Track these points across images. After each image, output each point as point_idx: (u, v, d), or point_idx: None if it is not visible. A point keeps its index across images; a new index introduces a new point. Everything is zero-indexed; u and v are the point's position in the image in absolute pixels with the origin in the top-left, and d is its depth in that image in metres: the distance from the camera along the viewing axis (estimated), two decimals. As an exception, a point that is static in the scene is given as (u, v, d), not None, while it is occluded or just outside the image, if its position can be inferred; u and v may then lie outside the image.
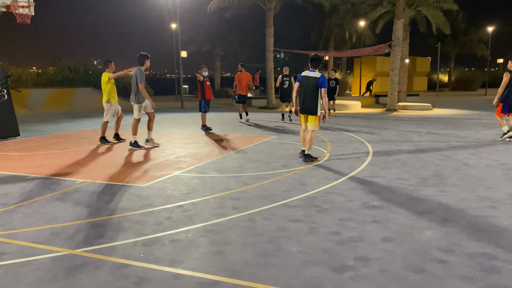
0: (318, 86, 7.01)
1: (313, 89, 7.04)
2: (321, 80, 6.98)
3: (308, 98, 7.11)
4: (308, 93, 7.10)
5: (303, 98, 7.20)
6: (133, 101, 8.71)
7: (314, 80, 7.03)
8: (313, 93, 7.05)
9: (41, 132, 11.58)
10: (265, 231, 4.03)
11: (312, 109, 7.12)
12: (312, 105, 7.09)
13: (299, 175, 6.28)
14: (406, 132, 10.93)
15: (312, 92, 7.05)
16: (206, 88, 11.28)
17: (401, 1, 18.16)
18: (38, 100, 20.42)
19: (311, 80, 7.07)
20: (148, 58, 8.61)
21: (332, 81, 15.56)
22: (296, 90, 7.41)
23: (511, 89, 9.32)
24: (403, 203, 4.91)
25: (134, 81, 8.54)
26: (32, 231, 4.11)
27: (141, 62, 8.53)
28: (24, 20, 10.15)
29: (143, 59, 8.53)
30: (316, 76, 7.03)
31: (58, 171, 6.70)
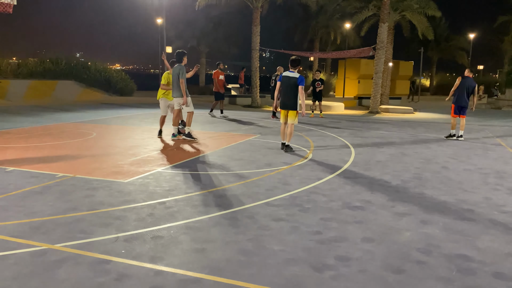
0: (297, 84, 7.86)
1: (293, 88, 7.91)
2: (299, 79, 7.88)
3: (288, 95, 7.99)
4: (289, 91, 7.98)
5: (284, 95, 8.07)
6: (176, 96, 9.05)
7: (294, 80, 7.92)
8: (293, 91, 7.93)
9: (20, 124, 11.34)
10: (248, 230, 4.04)
11: (292, 105, 8.00)
12: (292, 102, 7.98)
13: (283, 174, 6.31)
14: (388, 135, 11.09)
15: (292, 90, 7.93)
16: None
17: (387, 5, 18.41)
18: (18, 91, 19.99)
19: (291, 79, 7.95)
20: (185, 55, 9.11)
21: (318, 82, 15.65)
22: (278, 89, 8.25)
23: (460, 92, 10.39)
24: (383, 204, 4.99)
25: (175, 77, 8.91)
26: (10, 224, 4.03)
27: (180, 59, 8.99)
28: (6, 9, 9.88)
29: (181, 56, 9.02)
30: (295, 76, 7.94)
31: (37, 164, 6.58)
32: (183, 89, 8.88)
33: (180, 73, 8.85)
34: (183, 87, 8.87)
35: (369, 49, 19.92)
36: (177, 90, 8.99)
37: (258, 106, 20.44)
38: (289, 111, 8.05)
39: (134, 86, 27.35)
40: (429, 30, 22.96)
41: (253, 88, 20.93)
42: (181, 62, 9.00)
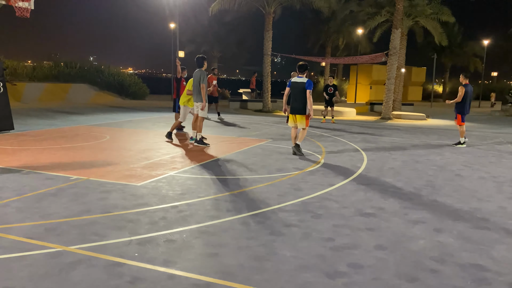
0: (305, 88, 8.06)
1: (302, 92, 8.12)
2: (307, 84, 8.09)
3: (297, 100, 8.18)
4: (297, 96, 8.17)
5: (293, 100, 8.24)
6: (197, 100, 9.07)
7: (302, 85, 8.12)
8: (302, 96, 8.13)
9: (35, 127, 11.52)
10: (260, 235, 4.05)
11: (300, 110, 8.20)
12: (301, 106, 8.18)
13: (294, 180, 6.31)
14: (401, 141, 11.01)
15: (301, 94, 8.12)
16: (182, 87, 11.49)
17: (400, 11, 18.33)
18: (33, 94, 20.32)
19: (299, 84, 8.16)
20: (205, 60, 9.14)
21: (330, 87, 15.64)
22: (286, 94, 8.47)
23: (468, 101, 10.27)
24: (396, 211, 4.95)
25: (196, 81, 8.94)
26: (26, 226, 4.10)
27: (201, 64, 9.00)
28: (24, 13, 10.09)
29: (202, 61, 9.03)
30: (303, 81, 8.14)
31: (52, 166, 6.67)
32: (203, 94, 8.90)
33: (201, 78, 8.87)
34: (204, 92, 8.89)
35: (381, 55, 19.84)
36: (198, 94, 8.99)
37: (270, 111, 20.46)
38: (298, 116, 8.24)
39: (146, 90, 27.62)
40: (443, 36, 22.81)
41: (264, 93, 20.96)
42: (202, 67, 9.00)
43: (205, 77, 8.90)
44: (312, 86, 8.14)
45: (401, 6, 18.30)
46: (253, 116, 17.57)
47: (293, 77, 14.23)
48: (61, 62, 26.43)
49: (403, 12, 19.07)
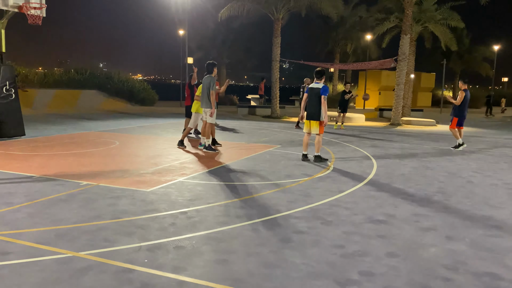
0: (320, 94, 8.00)
1: (316, 98, 8.07)
2: (322, 89, 8.03)
3: (312, 106, 8.16)
4: (313, 101, 8.15)
5: (309, 106, 8.23)
6: (206, 106, 9.08)
7: (317, 90, 8.08)
8: (317, 102, 8.08)
9: (46, 133, 11.63)
10: (269, 242, 4.02)
11: (315, 115, 8.15)
12: (316, 112, 8.13)
13: (303, 186, 6.28)
14: (410, 147, 10.93)
15: (316, 100, 8.09)
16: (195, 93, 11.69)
17: (409, 16, 18.28)
18: (44, 101, 20.54)
19: (314, 90, 8.14)
20: (215, 66, 9.17)
21: (347, 94, 15.73)
22: (304, 100, 8.39)
23: (467, 105, 10.55)
24: (407, 218, 4.90)
25: (205, 88, 8.98)
26: (36, 231, 4.12)
27: (210, 70, 9.05)
28: (36, 21, 10.23)
29: (212, 67, 9.08)
30: (319, 87, 8.09)
31: (62, 172, 6.72)
32: (213, 101, 8.91)
33: (210, 85, 8.90)
34: (213, 98, 8.90)
35: (390, 61, 19.77)
36: (207, 101, 9.01)
37: (278, 117, 20.45)
38: (312, 122, 8.21)
39: (155, 96, 27.78)
40: (452, 42, 22.69)
41: (273, 99, 20.97)
42: (211, 73, 9.05)
43: (214, 84, 8.92)
44: (327, 92, 8.07)
45: (410, 11, 18.25)
46: (261, 122, 17.58)
47: (307, 83, 14.48)
48: (71, 69, 26.72)
49: (412, 18, 19.01)
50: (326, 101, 8.05)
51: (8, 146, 9.18)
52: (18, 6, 10.06)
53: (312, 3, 19.97)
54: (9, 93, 10.28)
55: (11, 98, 10.34)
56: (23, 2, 10.10)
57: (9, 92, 10.29)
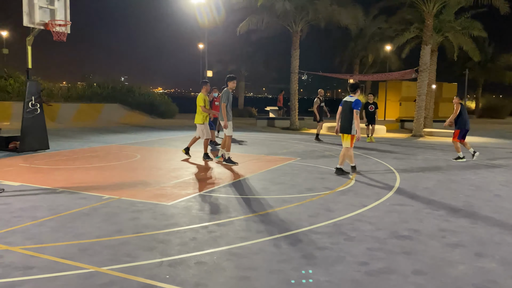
0: (352, 108, 8.04)
1: (349, 112, 8.12)
2: (354, 103, 8.06)
3: (344, 119, 8.22)
4: (345, 115, 8.20)
5: (342, 120, 8.30)
6: (221, 119, 9.26)
7: (349, 104, 8.12)
8: (349, 115, 8.12)
9: (69, 146, 11.85)
10: (291, 258, 3.95)
11: (347, 128, 8.19)
12: (347, 125, 8.17)
13: (325, 200, 6.18)
14: (434, 160, 10.69)
15: (348, 114, 8.13)
16: (214, 107, 12.13)
17: (429, 27, 18.07)
18: (68, 114, 21.00)
19: (348, 104, 8.20)
20: (232, 80, 9.25)
21: (371, 105, 15.44)
22: (339, 113, 8.43)
23: (467, 117, 10.57)
24: (433, 234, 4.75)
25: (221, 100, 9.19)
26: (60, 246, 4.15)
27: (226, 83, 9.23)
28: (60, 37, 10.51)
29: (227, 80, 9.23)
30: (351, 100, 8.14)
31: (85, 185, 6.80)
32: (224, 113, 9.02)
33: (222, 97, 9.11)
34: (224, 111, 9.01)
35: (411, 72, 19.52)
36: (221, 113, 9.18)
37: (297, 129, 20.37)
38: (344, 135, 8.28)
39: (176, 108, 28.08)
40: (474, 51, 22.31)
41: (292, 111, 20.94)
42: (227, 86, 9.22)
43: (224, 97, 9.04)
44: (359, 106, 8.07)
45: (430, 22, 18.04)
46: (280, 134, 17.53)
47: (320, 94, 14.48)
48: (94, 83, 27.29)
49: (433, 28, 18.79)
50: (359, 114, 8.10)
51: (33, 159, 9.37)
52: (44, 24, 10.35)
53: (331, 15, 19.98)
54: (34, 108, 10.54)
55: (36, 113, 10.59)
56: (49, 20, 10.39)
57: (35, 107, 10.55)
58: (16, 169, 8.17)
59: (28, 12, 10.04)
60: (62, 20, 10.63)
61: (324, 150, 12.20)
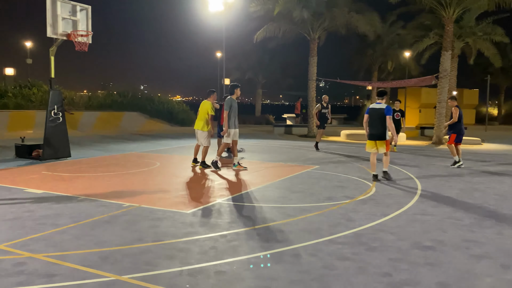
0: (384, 114, 8.20)
1: (381, 118, 8.26)
2: (386, 110, 8.25)
3: (376, 126, 8.31)
4: (376, 122, 8.32)
5: (372, 126, 8.38)
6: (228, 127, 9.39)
7: (381, 111, 8.28)
8: (381, 122, 8.27)
9: (90, 154, 12.04)
10: (312, 268, 3.90)
11: (381, 135, 8.30)
12: (381, 132, 8.29)
13: (345, 209, 6.11)
14: (456, 168, 10.47)
15: (380, 120, 8.27)
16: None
17: (450, 33, 17.82)
18: (89, 122, 21.38)
19: (378, 111, 8.32)
20: (237, 87, 9.41)
21: (397, 113, 14.93)
22: (366, 121, 8.52)
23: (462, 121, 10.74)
24: (457, 244, 4.64)
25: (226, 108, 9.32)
26: (81, 253, 4.20)
27: (232, 92, 9.37)
28: (82, 48, 10.74)
29: (233, 88, 9.37)
30: (382, 107, 8.30)
31: (106, 193, 6.88)
32: (226, 120, 9.20)
33: (225, 105, 9.28)
34: (225, 118, 9.20)
35: (431, 78, 19.23)
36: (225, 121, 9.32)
37: (315, 136, 20.24)
38: (378, 141, 8.33)
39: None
40: (496, 57, 21.90)
41: (309, 118, 20.86)
42: (233, 94, 9.36)
43: (228, 104, 9.17)
44: (391, 112, 8.31)
45: (450, 28, 17.79)
46: (298, 142, 17.46)
47: (324, 100, 13.84)
48: (114, 91, 27.76)
49: (453, 34, 18.52)
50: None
51: (55, 167, 9.55)
52: (67, 34, 10.60)
53: (348, 22, 19.92)
54: (57, 117, 10.76)
55: (59, 121, 10.81)
56: (71, 30, 10.64)
57: (57, 116, 10.77)
58: (39, 177, 8.33)
59: (51, 23, 10.31)
60: (84, 30, 10.88)
61: (343, 158, 12.09)
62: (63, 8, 10.53)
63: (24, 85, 23.54)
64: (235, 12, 24.31)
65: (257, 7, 19.45)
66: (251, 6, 19.60)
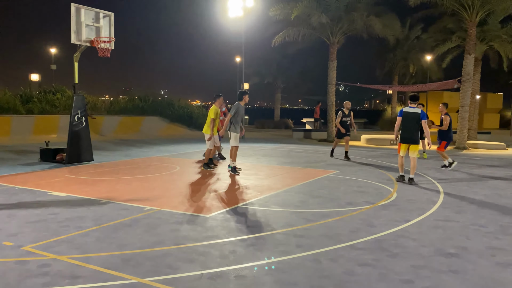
0: (420, 119, 8.41)
1: (415, 123, 8.43)
2: (422, 115, 8.43)
3: (410, 130, 8.47)
4: (410, 126, 8.46)
5: (406, 130, 8.50)
6: (230, 130, 9.64)
7: (415, 115, 8.44)
8: (415, 126, 8.45)
9: (112, 158, 12.25)
10: (332, 274, 3.87)
11: (415, 139, 8.50)
12: (415, 136, 8.49)
13: (366, 214, 6.04)
14: (479, 173, 10.24)
15: (413, 124, 8.44)
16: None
17: (472, 36, 17.49)
18: (110, 127, 21.75)
19: (412, 115, 8.46)
20: (245, 94, 9.67)
21: None
22: (399, 124, 8.59)
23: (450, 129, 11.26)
24: (482, 252, 4.53)
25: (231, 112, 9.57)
26: (104, 256, 4.27)
27: (240, 98, 9.61)
28: (105, 54, 10.96)
29: (242, 95, 9.62)
30: (417, 112, 8.46)
31: (127, 197, 6.99)
32: (225, 124, 9.52)
33: (231, 109, 9.49)
34: (227, 121, 9.43)
35: (453, 82, 18.90)
36: (231, 124, 9.52)
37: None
38: (411, 145, 8.52)
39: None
40: (521, 60, 21.34)
41: (329, 122, 20.75)
42: (241, 100, 9.59)
43: (233, 109, 9.38)
44: (426, 117, 8.55)
45: (473, 31, 17.47)
46: (317, 146, 17.37)
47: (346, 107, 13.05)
48: (135, 96, 28.19)
49: (476, 37, 18.17)
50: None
51: (78, 171, 9.75)
52: (90, 41, 10.84)
53: (367, 26, 19.77)
54: (80, 121, 11.00)
55: (82, 126, 11.05)
56: (95, 37, 10.88)
57: (80, 120, 11.01)
58: (62, 180, 8.52)
59: (76, 30, 10.56)
60: (107, 37, 11.11)
61: (363, 163, 11.97)
62: (87, 15, 10.79)
63: (48, 90, 24.15)
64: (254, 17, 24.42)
65: (277, 11, 19.51)
66: (271, 11, 19.67)
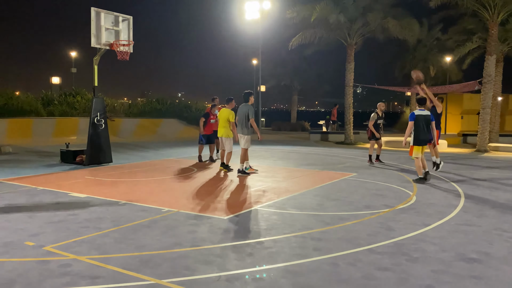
0: (431, 120, 9.00)
1: (428, 124, 8.95)
2: (431, 116, 9.04)
3: (424, 132, 8.91)
4: (424, 128, 8.90)
5: (421, 132, 8.86)
6: (241, 133, 9.73)
7: (428, 117, 8.97)
8: (427, 127, 8.96)
9: (131, 160, 12.40)
10: (351, 278, 3.83)
11: (429, 140, 9.17)
12: (429, 137, 9.09)
13: (384, 218, 5.96)
14: (502, 176, 10.01)
15: (427, 126, 8.95)
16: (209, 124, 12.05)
17: (494, 36, 17.14)
18: (129, 129, 22.04)
19: (424, 117, 8.92)
20: (251, 95, 9.77)
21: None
22: (411, 127, 8.95)
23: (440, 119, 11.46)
24: (505, 258, 4.42)
25: (241, 115, 9.63)
26: (122, 257, 4.31)
27: (247, 99, 9.67)
28: (124, 57, 11.12)
29: (248, 96, 9.69)
30: (428, 114, 9.01)
31: (146, 198, 7.06)
32: (255, 127, 9.57)
33: (249, 113, 9.52)
34: (254, 125, 9.53)
35: (474, 83, 18.54)
36: (243, 127, 9.61)
37: (352, 143, 19.96)
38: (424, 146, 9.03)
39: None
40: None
41: (346, 125, 20.59)
42: (248, 101, 9.64)
43: (252, 112, 9.52)
44: (433, 118, 9.19)
45: (495, 31, 17.11)
46: (334, 149, 17.25)
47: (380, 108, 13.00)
48: (153, 99, 28.50)
49: (498, 37, 17.79)
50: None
51: (98, 172, 9.90)
52: (110, 44, 11.01)
53: (385, 27, 19.56)
54: (99, 123, 11.17)
55: (101, 128, 11.22)
56: (114, 40, 11.04)
57: (100, 122, 11.19)
58: (82, 182, 8.66)
59: (95, 34, 10.74)
60: (126, 40, 11.26)
61: (381, 165, 11.83)
62: (106, 19, 10.97)
63: (68, 93, 24.62)
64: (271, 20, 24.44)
65: (293, 13, 19.46)
66: (288, 13, 19.63)
